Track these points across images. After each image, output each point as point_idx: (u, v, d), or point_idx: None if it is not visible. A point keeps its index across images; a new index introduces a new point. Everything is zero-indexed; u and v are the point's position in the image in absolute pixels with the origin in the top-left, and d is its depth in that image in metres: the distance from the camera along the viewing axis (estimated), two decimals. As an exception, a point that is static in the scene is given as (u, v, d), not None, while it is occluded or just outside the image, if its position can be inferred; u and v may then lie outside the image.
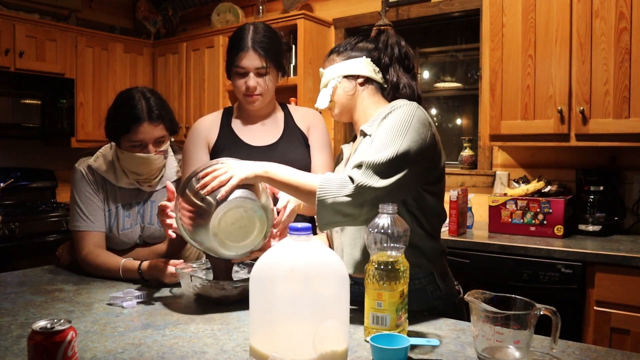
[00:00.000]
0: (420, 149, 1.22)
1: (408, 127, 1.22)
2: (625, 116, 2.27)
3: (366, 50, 1.42)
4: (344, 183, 1.18)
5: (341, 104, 1.44)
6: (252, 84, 1.63)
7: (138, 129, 1.60)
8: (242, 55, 1.62)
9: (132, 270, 1.57)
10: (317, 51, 3.54)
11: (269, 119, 1.77)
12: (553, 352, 1.02)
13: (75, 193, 1.71)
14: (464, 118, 3.42)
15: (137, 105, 1.61)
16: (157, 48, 4.29)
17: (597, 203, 2.52)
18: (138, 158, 1.65)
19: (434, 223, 1.35)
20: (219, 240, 1.25)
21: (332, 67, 1.45)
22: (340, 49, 1.46)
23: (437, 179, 1.33)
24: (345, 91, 1.42)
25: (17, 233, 3.15)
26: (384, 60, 1.41)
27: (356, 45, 1.44)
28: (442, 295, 1.32)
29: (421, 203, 1.31)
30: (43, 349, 0.82)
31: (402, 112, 1.25)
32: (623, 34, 2.25)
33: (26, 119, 3.52)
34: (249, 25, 1.67)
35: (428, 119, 1.28)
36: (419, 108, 1.28)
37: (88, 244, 1.68)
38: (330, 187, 1.18)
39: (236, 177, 1.23)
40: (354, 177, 1.17)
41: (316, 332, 0.88)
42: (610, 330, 2.08)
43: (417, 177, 1.26)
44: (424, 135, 1.24)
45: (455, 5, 3.11)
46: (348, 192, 1.16)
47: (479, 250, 2.36)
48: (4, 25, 3.38)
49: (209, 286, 1.34)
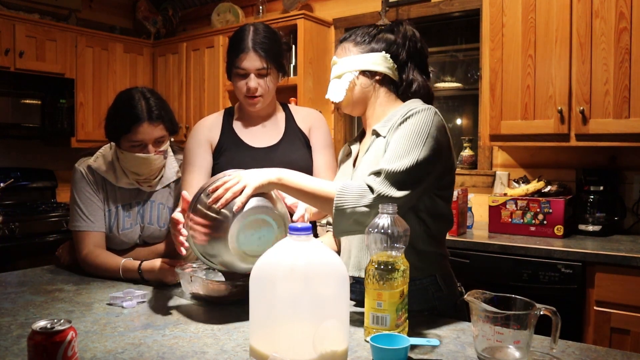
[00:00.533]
0: (438, 157, 1.22)
1: (427, 135, 1.21)
2: (625, 116, 2.27)
3: (386, 44, 1.37)
4: (363, 192, 1.16)
5: (354, 100, 1.40)
6: (253, 85, 1.63)
7: (138, 129, 1.60)
8: (242, 56, 1.62)
9: (132, 270, 1.57)
10: (317, 51, 3.54)
11: (270, 120, 1.77)
12: (553, 352, 1.02)
13: (75, 193, 1.71)
14: (464, 118, 3.42)
15: (137, 105, 1.61)
16: (157, 48, 4.29)
17: (597, 203, 2.52)
18: (138, 158, 1.65)
19: (442, 228, 1.35)
20: (239, 253, 1.21)
21: (349, 59, 1.38)
22: (357, 39, 1.39)
23: (449, 184, 1.33)
24: (361, 87, 1.38)
25: (17, 233, 3.15)
26: (401, 56, 1.37)
27: (375, 37, 1.38)
28: (443, 296, 1.32)
29: (431, 208, 1.30)
30: (43, 349, 0.82)
31: (420, 118, 1.23)
32: (623, 34, 2.25)
33: (26, 119, 3.52)
34: (249, 26, 1.66)
35: (444, 125, 1.27)
36: (436, 114, 1.26)
37: (88, 244, 1.68)
38: (349, 196, 1.16)
39: (250, 187, 1.20)
40: (373, 187, 1.16)
41: (316, 332, 0.88)
42: (610, 330, 2.08)
43: (433, 183, 1.26)
44: (442, 142, 1.24)
45: (455, 5, 3.11)
46: (367, 202, 1.15)
47: (479, 250, 2.36)
48: (4, 25, 3.38)
49: (209, 286, 1.34)
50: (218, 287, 1.33)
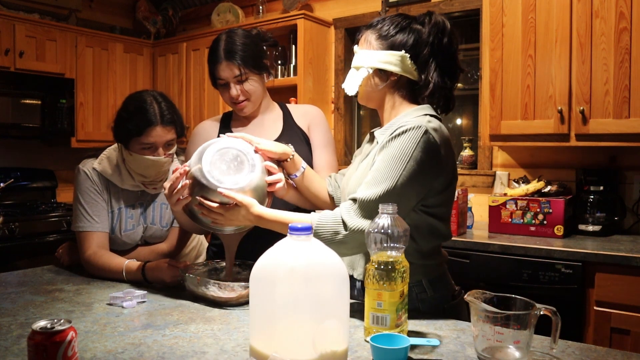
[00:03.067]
0: (420, 180, 1.19)
1: (409, 159, 1.18)
2: (625, 116, 2.27)
3: (409, 39, 1.30)
4: (337, 228, 1.19)
5: (367, 95, 1.37)
6: (234, 93, 1.62)
7: (151, 132, 1.60)
8: (218, 67, 1.62)
9: (135, 271, 1.56)
10: (317, 51, 3.54)
11: (267, 119, 1.77)
12: (553, 352, 1.02)
13: (80, 194, 1.70)
14: (464, 118, 3.42)
15: (150, 109, 1.61)
16: (157, 48, 4.29)
17: (597, 203, 2.52)
18: (147, 160, 1.64)
19: (434, 244, 1.31)
20: (209, 172, 1.30)
21: (368, 53, 1.33)
22: (382, 31, 1.33)
23: (441, 201, 1.28)
24: (375, 85, 1.34)
25: (17, 233, 3.15)
26: (423, 53, 1.30)
27: (401, 30, 1.31)
28: (427, 298, 1.29)
29: (422, 226, 1.26)
30: (43, 349, 0.82)
31: (405, 139, 1.19)
32: (623, 34, 2.25)
33: (26, 119, 3.52)
34: (222, 35, 1.65)
35: (436, 143, 1.20)
36: (426, 133, 1.19)
37: (92, 245, 1.66)
38: (325, 229, 1.20)
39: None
40: (347, 222, 1.18)
41: (316, 332, 0.88)
42: (610, 330, 2.08)
43: (414, 205, 1.23)
44: (426, 165, 1.19)
45: (455, 5, 3.11)
46: (341, 237, 1.18)
47: (479, 250, 2.36)
48: (4, 25, 3.38)
49: (218, 288, 1.32)
50: (227, 288, 1.32)
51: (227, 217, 1.30)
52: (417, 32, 1.32)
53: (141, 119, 1.60)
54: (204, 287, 1.34)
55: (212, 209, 1.29)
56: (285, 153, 1.45)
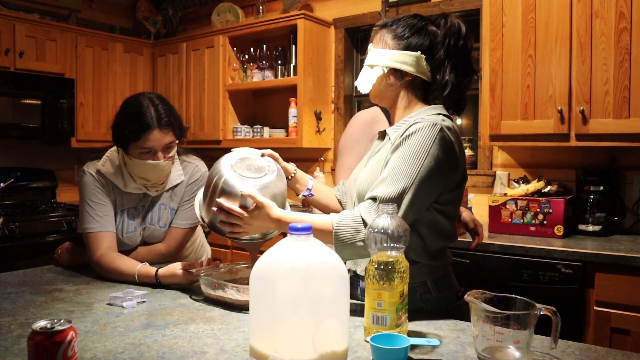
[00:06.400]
0: (437, 177, 1.21)
1: (426, 155, 1.19)
2: (625, 116, 2.27)
3: (425, 40, 1.31)
4: (358, 226, 1.18)
5: (381, 93, 1.38)
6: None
7: (148, 137, 1.59)
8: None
9: (148, 276, 1.53)
10: (317, 51, 3.54)
11: None
12: (553, 352, 1.02)
13: (86, 195, 1.69)
14: (463, 118, 3.42)
15: (147, 113, 1.60)
16: (157, 48, 4.29)
17: (597, 203, 2.52)
18: (147, 165, 1.64)
19: (441, 244, 1.31)
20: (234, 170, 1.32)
21: (383, 52, 1.34)
22: (398, 31, 1.33)
23: (450, 199, 1.29)
24: (389, 84, 1.35)
25: (17, 233, 3.15)
26: (438, 55, 1.31)
27: (417, 31, 1.32)
28: (431, 298, 1.30)
29: (432, 223, 1.27)
30: (43, 349, 0.82)
31: (421, 136, 1.20)
32: (623, 34, 2.25)
33: (26, 119, 3.52)
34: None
35: (452, 141, 1.22)
36: (441, 130, 1.21)
37: (101, 246, 1.64)
38: (346, 230, 1.19)
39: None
40: (367, 221, 1.17)
41: (316, 332, 0.88)
42: (610, 330, 2.08)
43: (430, 202, 1.24)
44: (442, 160, 1.20)
45: (455, 5, 3.11)
46: (363, 236, 1.17)
47: (479, 250, 2.36)
48: (4, 25, 3.38)
49: (236, 291, 1.31)
50: (247, 292, 1.29)
51: (247, 221, 1.28)
52: (432, 34, 1.33)
53: (138, 124, 1.59)
54: (221, 290, 1.33)
55: (232, 212, 1.28)
56: (287, 169, 1.47)
